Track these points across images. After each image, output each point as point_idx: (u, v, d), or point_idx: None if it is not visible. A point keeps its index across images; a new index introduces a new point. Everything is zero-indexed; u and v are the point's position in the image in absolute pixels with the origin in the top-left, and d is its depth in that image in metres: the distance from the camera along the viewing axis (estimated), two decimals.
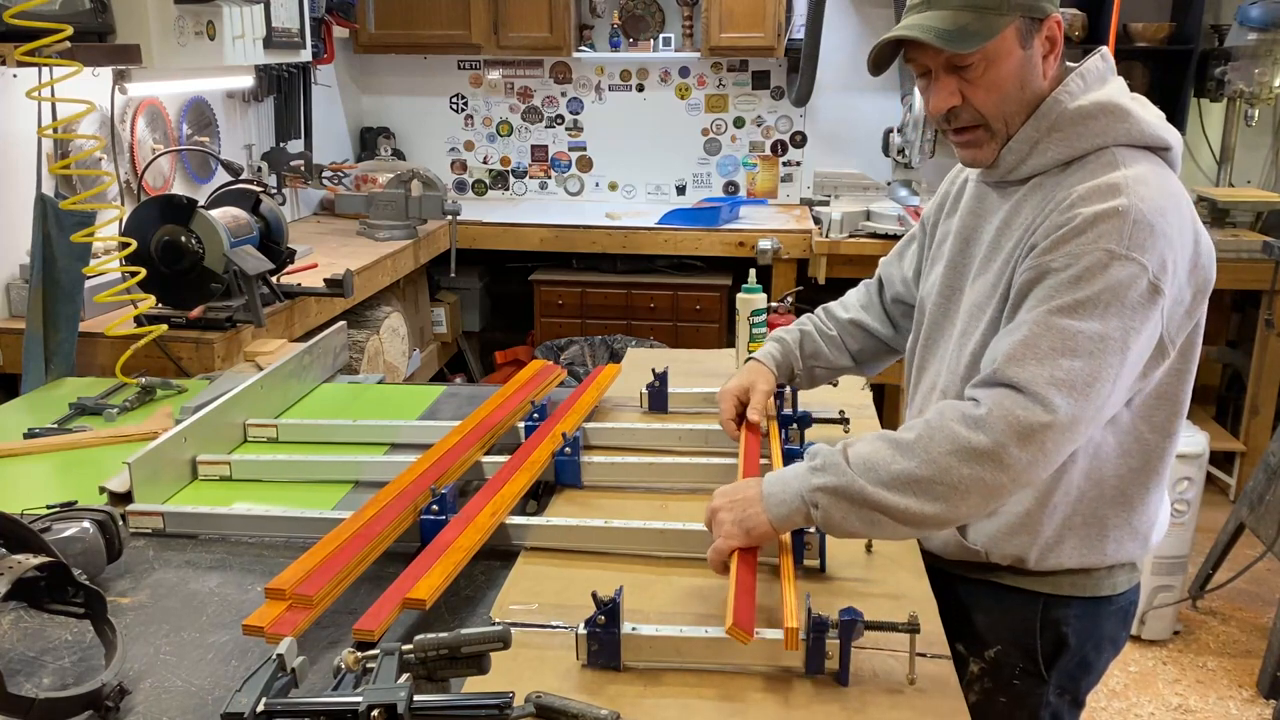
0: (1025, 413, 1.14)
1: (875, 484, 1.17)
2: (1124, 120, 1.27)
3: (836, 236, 4.00)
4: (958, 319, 1.40)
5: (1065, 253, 1.19)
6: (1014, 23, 1.25)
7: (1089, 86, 1.30)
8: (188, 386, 2.16)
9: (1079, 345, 1.15)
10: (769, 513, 1.22)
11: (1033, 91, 1.29)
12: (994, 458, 1.14)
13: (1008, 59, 1.26)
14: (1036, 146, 1.30)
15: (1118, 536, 1.36)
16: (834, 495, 1.18)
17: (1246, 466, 3.95)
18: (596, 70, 4.85)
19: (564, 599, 1.27)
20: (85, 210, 2.34)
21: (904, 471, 1.16)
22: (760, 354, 1.70)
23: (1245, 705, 2.82)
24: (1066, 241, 1.20)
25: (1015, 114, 1.30)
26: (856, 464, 1.19)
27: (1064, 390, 1.14)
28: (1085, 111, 1.28)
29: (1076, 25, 4.19)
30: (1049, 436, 1.14)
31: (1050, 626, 1.40)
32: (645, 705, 1.07)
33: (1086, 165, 1.26)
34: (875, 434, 1.23)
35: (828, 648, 1.09)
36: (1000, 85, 1.27)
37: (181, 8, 2.62)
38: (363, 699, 0.91)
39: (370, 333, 3.49)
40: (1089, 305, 1.16)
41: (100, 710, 1.06)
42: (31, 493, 1.63)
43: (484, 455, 1.64)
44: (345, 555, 1.26)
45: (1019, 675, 1.43)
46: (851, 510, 1.18)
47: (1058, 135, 1.28)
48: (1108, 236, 1.17)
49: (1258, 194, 4.23)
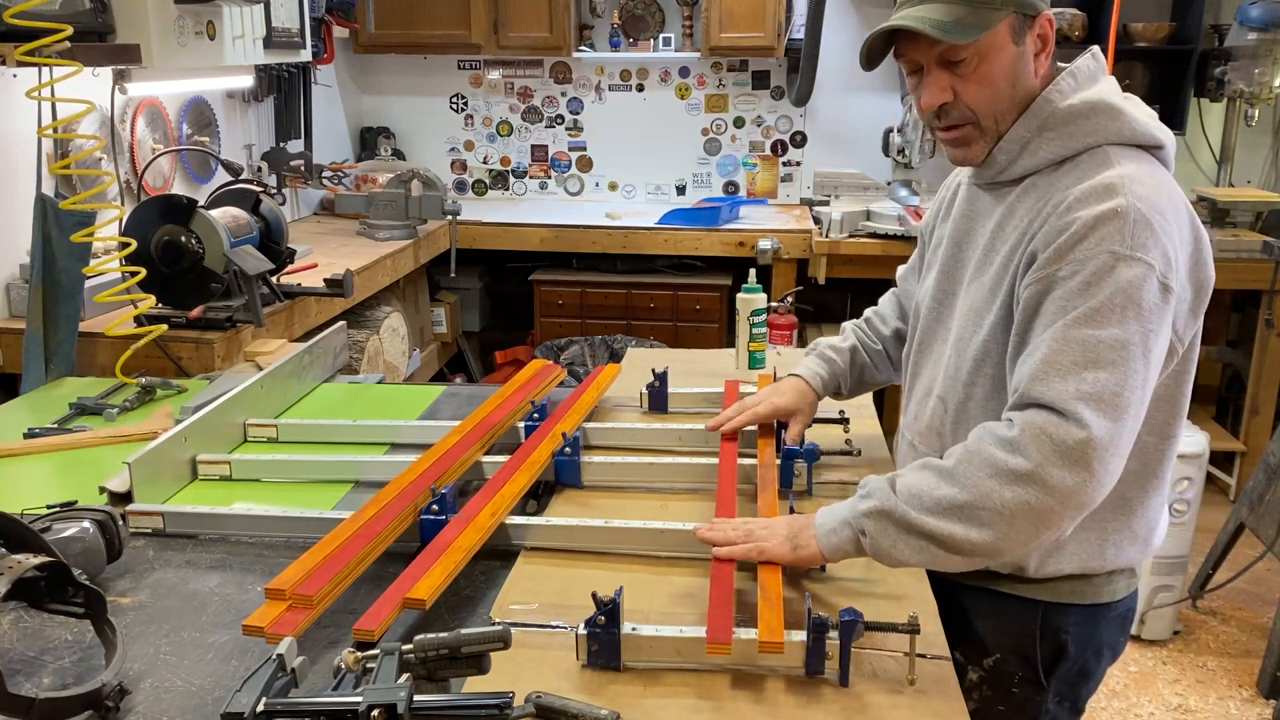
0: (1058, 431, 1.12)
1: (920, 510, 1.17)
2: (1116, 119, 1.27)
3: (836, 236, 4.00)
4: (952, 323, 1.40)
5: (1070, 260, 1.18)
6: (1007, 18, 1.24)
7: (1080, 85, 1.29)
8: (188, 386, 2.17)
9: (1101, 355, 1.14)
10: (820, 540, 1.23)
11: (1024, 89, 1.29)
12: (1035, 479, 1.12)
13: (1000, 54, 1.25)
14: (1028, 146, 1.29)
15: (1117, 541, 1.35)
16: (881, 521, 1.19)
17: (1246, 466, 3.95)
18: (596, 70, 4.85)
19: (564, 599, 1.26)
20: (85, 210, 2.34)
21: (946, 497, 1.16)
22: (806, 372, 1.66)
23: (1245, 705, 2.82)
24: (1069, 249, 1.18)
25: (1006, 112, 1.29)
26: (902, 492, 1.19)
27: (1093, 404, 1.12)
28: (1077, 110, 1.27)
29: (1076, 25, 4.19)
30: (1091, 454, 1.12)
31: (1050, 634, 1.39)
32: (645, 705, 1.06)
33: (1080, 165, 1.26)
34: (921, 462, 1.23)
35: (828, 648, 1.09)
36: (992, 81, 1.26)
37: (181, 8, 2.62)
38: (363, 699, 0.91)
39: (370, 333, 3.49)
40: (1104, 312, 1.15)
41: (100, 710, 1.06)
42: (31, 493, 1.63)
43: (484, 455, 1.64)
44: (345, 555, 1.26)
45: (1018, 684, 1.42)
46: (899, 537, 1.18)
47: (1050, 134, 1.28)
48: (1110, 238, 1.16)
49: (1258, 194, 4.23)
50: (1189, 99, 4.25)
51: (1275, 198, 4.14)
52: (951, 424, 1.37)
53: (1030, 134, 1.28)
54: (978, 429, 1.21)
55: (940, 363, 1.41)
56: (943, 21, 1.22)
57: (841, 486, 1.58)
